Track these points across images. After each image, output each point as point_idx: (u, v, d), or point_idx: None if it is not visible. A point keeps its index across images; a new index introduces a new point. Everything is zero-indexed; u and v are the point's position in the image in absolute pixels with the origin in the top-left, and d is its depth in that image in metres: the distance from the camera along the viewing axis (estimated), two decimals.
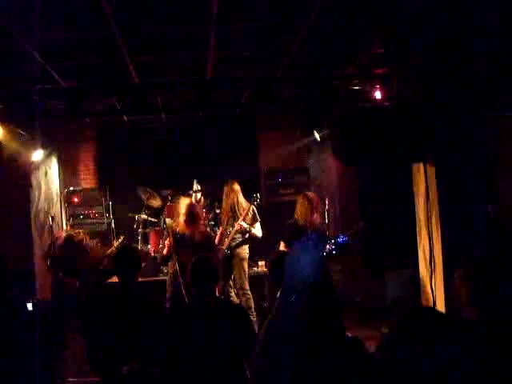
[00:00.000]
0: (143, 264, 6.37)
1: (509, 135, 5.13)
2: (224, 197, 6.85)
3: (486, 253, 4.35)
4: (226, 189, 6.83)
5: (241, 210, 6.71)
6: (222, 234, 6.91)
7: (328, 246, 5.42)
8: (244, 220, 6.67)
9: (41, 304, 5.41)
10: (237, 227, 6.63)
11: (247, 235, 6.73)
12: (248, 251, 6.81)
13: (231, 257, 6.71)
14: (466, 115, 5.01)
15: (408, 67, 5.56)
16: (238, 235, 6.71)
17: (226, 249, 6.68)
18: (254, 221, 6.74)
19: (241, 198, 6.77)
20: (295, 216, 6.18)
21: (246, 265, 6.77)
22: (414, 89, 5.51)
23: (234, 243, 6.70)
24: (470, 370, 2.10)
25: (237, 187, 6.77)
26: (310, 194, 6.26)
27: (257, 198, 6.73)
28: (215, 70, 5.78)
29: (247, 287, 6.69)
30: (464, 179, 4.97)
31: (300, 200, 6.20)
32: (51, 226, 6.79)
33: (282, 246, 6.16)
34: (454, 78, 5.03)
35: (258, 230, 6.76)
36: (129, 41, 4.67)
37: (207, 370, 3.43)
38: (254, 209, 6.73)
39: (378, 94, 5.84)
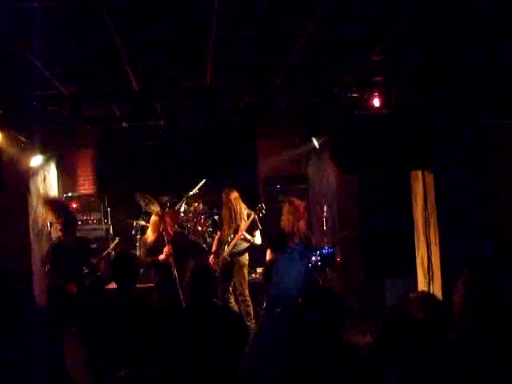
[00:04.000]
0: (141, 270, 6.37)
1: (508, 141, 5.13)
2: (223, 204, 6.85)
3: (485, 259, 4.35)
4: (223, 196, 6.81)
5: (239, 217, 6.66)
6: (218, 239, 6.91)
7: (314, 258, 5.39)
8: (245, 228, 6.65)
9: (39, 309, 5.38)
10: (239, 236, 6.60)
11: (249, 243, 6.73)
12: (248, 258, 6.81)
13: (232, 263, 6.70)
14: (466, 122, 5.03)
15: (407, 75, 5.58)
16: (240, 242, 6.69)
17: (228, 256, 6.67)
18: (253, 229, 6.71)
19: (240, 206, 6.73)
20: (281, 223, 6.16)
21: (246, 271, 6.77)
22: (412, 96, 5.54)
23: (235, 250, 6.68)
24: (463, 376, 2.11)
25: (234, 195, 6.74)
26: (296, 201, 6.22)
27: (262, 208, 6.66)
28: (214, 78, 5.80)
29: (247, 294, 6.68)
30: (462, 186, 4.98)
31: (286, 207, 6.18)
32: (50, 232, 6.78)
33: (268, 254, 6.15)
34: (453, 86, 5.05)
35: (257, 239, 6.76)
36: (129, 48, 4.69)
37: (203, 375, 3.44)
38: (255, 217, 6.68)
39: (376, 102, 5.87)
